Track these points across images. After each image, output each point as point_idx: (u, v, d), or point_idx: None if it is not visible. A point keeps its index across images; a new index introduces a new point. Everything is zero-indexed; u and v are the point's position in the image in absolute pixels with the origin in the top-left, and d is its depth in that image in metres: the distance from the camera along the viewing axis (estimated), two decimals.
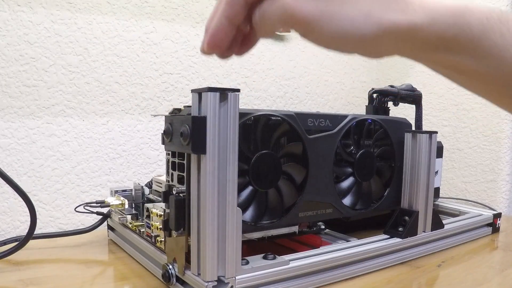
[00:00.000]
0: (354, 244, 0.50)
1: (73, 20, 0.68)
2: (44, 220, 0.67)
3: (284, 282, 0.42)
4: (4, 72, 0.63)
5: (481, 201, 0.89)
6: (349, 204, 0.53)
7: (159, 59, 0.77)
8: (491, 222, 0.66)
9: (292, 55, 0.96)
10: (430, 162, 0.56)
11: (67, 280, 0.46)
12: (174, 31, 0.79)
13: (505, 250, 0.60)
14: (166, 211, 0.41)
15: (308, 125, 0.48)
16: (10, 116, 0.64)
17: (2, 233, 0.64)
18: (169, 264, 0.41)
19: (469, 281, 0.47)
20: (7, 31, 0.63)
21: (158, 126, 0.78)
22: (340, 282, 0.46)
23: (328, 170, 0.50)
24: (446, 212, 0.71)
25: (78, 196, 0.70)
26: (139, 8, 0.75)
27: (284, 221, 0.47)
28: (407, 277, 0.48)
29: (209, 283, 0.37)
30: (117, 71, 0.73)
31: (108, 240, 0.61)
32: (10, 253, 0.49)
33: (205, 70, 0.83)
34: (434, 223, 0.56)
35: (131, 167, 0.75)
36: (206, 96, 0.36)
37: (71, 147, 0.69)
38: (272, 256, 0.42)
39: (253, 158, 0.43)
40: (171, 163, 0.44)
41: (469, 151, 0.93)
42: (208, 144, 0.36)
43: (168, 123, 0.41)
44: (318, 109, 1.02)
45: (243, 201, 0.43)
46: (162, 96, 0.78)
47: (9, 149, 0.64)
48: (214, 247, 0.37)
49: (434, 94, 0.99)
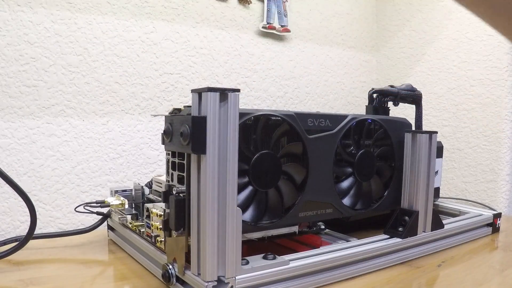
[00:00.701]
0: (354, 244, 0.50)
1: (73, 20, 0.68)
2: (44, 220, 0.67)
3: (284, 282, 0.42)
4: (4, 72, 0.63)
5: (481, 201, 0.89)
6: (349, 204, 0.53)
7: (159, 59, 0.77)
8: (491, 222, 0.66)
9: (292, 55, 0.96)
10: (430, 162, 0.56)
11: (67, 280, 0.46)
12: (174, 31, 0.79)
13: (505, 250, 0.60)
14: (166, 211, 0.41)
15: (308, 125, 0.48)
16: (10, 116, 0.64)
17: (2, 233, 0.64)
18: (169, 264, 0.41)
19: (469, 281, 0.47)
20: (7, 31, 0.63)
21: (158, 126, 0.78)
22: (340, 282, 0.46)
23: (328, 170, 0.50)
24: (446, 212, 0.71)
25: (78, 196, 0.70)
26: (139, 8, 0.75)
27: (284, 221, 0.47)
28: (407, 277, 0.48)
29: (209, 283, 0.37)
30: (117, 71, 0.73)
31: (108, 240, 0.61)
32: (10, 253, 0.49)
33: (205, 70, 0.83)
34: (434, 223, 0.56)
35: (131, 167, 0.75)
36: (206, 96, 0.36)
37: (71, 147, 0.69)
38: (272, 256, 0.42)
39: (253, 158, 0.43)
40: (171, 163, 0.44)
41: (469, 151, 0.93)
42: (208, 144, 0.36)
43: (168, 123, 0.41)
44: (318, 109, 1.02)
45: (243, 201, 0.43)
46: (162, 96, 0.78)
47: (9, 149, 0.64)
48: (214, 247, 0.37)
49: (434, 94, 0.99)
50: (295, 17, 0.96)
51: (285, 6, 0.93)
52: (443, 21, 0.97)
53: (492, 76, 0.88)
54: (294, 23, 0.96)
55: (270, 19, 0.91)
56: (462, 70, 0.94)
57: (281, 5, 0.92)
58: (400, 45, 1.08)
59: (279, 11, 0.92)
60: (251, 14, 0.89)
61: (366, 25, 1.12)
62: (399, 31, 1.08)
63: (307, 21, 0.99)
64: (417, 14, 1.03)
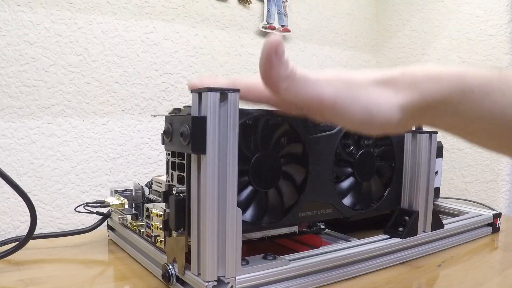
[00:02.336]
0: (354, 244, 0.50)
1: (73, 20, 0.68)
2: (44, 220, 0.67)
3: (284, 282, 0.42)
4: (4, 72, 0.63)
5: (481, 201, 0.89)
6: (349, 204, 0.53)
7: (159, 59, 0.77)
8: (491, 222, 0.66)
9: (292, 55, 0.96)
10: (430, 162, 0.56)
11: (67, 280, 0.46)
12: (174, 31, 0.79)
13: (505, 250, 0.60)
14: (166, 211, 0.41)
15: (308, 125, 0.48)
16: (10, 116, 0.64)
17: (2, 233, 0.64)
18: (169, 264, 0.41)
19: (469, 281, 0.47)
20: (7, 31, 0.63)
21: (158, 126, 0.78)
22: (340, 282, 0.46)
23: (328, 170, 0.50)
24: (446, 212, 0.71)
25: (78, 196, 0.70)
26: (139, 8, 0.75)
27: (284, 221, 0.47)
28: (407, 277, 0.48)
29: (209, 283, 0.37)
30: (117, 71, 0.73)
31: (108, 240, 0.61)
32: (10, 253, 0.49)
33: (205, 70, 0.83)
34: (434, 223, 0.56)
35: (131, 167, 0.75)
36: (206, 96, 0.36)
37: (71, 147, 0.69)
38: (272, 256, 0.42)
39: (253, 158, 0.43)
40: (171, 163, 0.44)
41: (469, 151, 0.93)
42: (208, 144, 0.36)
43: (168, 123, 0.41)
44: None
45: (243, 201, 0.43)
46: (162, 96, 0.78)
47: (9, 149, 0.64)
48: (214, 247, 0.37)
49: None
50: (295, 17, 0.96)
51: (285, 6, 0.93)
52: (443, 21, 0.97)
53: None
54: (294, 23, 0.96)
55: (270, 19, 0.91)
56: None
57: (281, 5, 0.92)
58: (400, 45, 1.08)
59: (279, 11, 0.92)
60: (251, 14, 0.89)
61: (366, 25, 1.12)
62: (399, 31, 1.08)
63: (307, 21, 0.99)
64: (417, 14, 1.03)
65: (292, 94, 0.31)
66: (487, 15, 0.89)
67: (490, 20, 0.88)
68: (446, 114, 0.30)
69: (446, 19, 0.97)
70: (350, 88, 0.31)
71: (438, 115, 0.30)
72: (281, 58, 0.30)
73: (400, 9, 1.08)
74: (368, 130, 0.32)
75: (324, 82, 0.31)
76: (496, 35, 0.87)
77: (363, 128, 0.31)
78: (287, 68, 0.30)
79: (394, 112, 0.30)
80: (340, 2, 1.05)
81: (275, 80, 0.30)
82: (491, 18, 0.88)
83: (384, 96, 0.30)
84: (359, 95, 0.30)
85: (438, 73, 0.29)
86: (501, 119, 0.28)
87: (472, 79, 0.28)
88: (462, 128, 0.31)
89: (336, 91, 0.30)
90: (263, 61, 0.30)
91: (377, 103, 0.30)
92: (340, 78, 0.31)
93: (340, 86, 0.31)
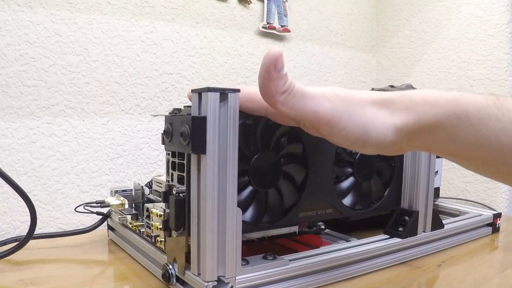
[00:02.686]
0: (354, 244, 0.50)
1: (73, 20, 0.68)
2: (44, 220, 0.67)
3: (284, 282, 0.42)
4: (4, 72, 0.63)
5: (481, 201, 0.89)
6: (349, 204, 0.53)
7: (159, 59, 0.77)
8: (491, 222, 0.66)
9: (292, 55, 0.96)
10: (430, 162, 0.56)
11: (67, 280, 0.46)
12: (174, 31, 0.79)
13: (505, 250, 0.60)
14: (166, 211, 0.41)
15: None
16: (10, 116, 0.64)
17: (2, 233, 0.64)
18: (169, 264, 0.41)
19: (469, 281, 0.47)
20: (7, 31, 0.63)
21: (158, 126, 0.78)
22: (340, 282, 0.46)
23: (328, 170, 0.50)
24: (446, 212, 0.71)
25: (78, 196, 0.70)
26: (139, 8, 0.75)
27: (284, 221, 0.47)
28: (407, 277, 0.48)
29: (209, 283, 0.37)
30: (117, 71, 0.73)
31: (108, 240, 0.61)
32: (10, 253, 0.49)
33: (205, 70, 0.83)
34: (434, 223, 0.56)
35: (131, 167, 0.75)
36: (206, 96, 0.36)
37: (71, 147, 0.69)
38: (272, 256, 0.42)
39: (253, 158, 0.43)
40: (171, 163, 0.44)
41: None
42: (208, 144, 0.36)
43: (168, 123, 0.41)
44: None
45: (243, 201, 0.43)
46: (162, 96, 0.78)
47: (9, 149, 0.64)
48: (214, 247, 0.37)
49: None
50: (295, 17, 0.96)
51: (285, 6, 0.93)
52: (443, 21, 0.97)
53: (492, 76, 0.88)
54: (294, 23, 0.96)
55: (270, 19, 0.91)
56: (462, 70, 0.94)
57: (281, 5, 0.92)
58: (400, 45, 1.08)
59: (279, 11, 0.92)
60: (251, 14, 0.89)
61: (366, 25, 1.12)
62: (399, 31, 1.08)
63: (307, 21, 0.99)
64: (417, 14, 1.03)
65: (289, 107, 0.31)
66: (487, 15, 0.89)
67: (490, 20, 0.88)
68: (442, 139, 0.30)
69: (446, 19, 0.97)
70: (347, 106, 0.31)
71: (433, 140, 0.30)
72: (280, 72, 0.30)
73: (400, 9, 1.08)
74: (362, 148, 0.32)
75: (322, 98, 0.31)
76: (496, 35, 0.87)
77: (357, 145, 0.32)
78: (286, 82, 0.30)
79: (389, 132, 0.30)
80: (340, 2, 1.05)
81: (273, 93, 0.31)
82: (491, 18, 0.88)
83: (380, 116, 0.30)
84: (356, 113, 0.31)
85: (435, 97, 0.30)
86: (496, 145, 0.28)
87: (468, 105, 0.29)
88: (458, 153, 0.31)
89: (332, 107, 0.31)
90: (262, 74, 0.30)
91: (373, 122, 0.30)
92: (337, 95, 0.31)
93: (337, 102, 0.31)
